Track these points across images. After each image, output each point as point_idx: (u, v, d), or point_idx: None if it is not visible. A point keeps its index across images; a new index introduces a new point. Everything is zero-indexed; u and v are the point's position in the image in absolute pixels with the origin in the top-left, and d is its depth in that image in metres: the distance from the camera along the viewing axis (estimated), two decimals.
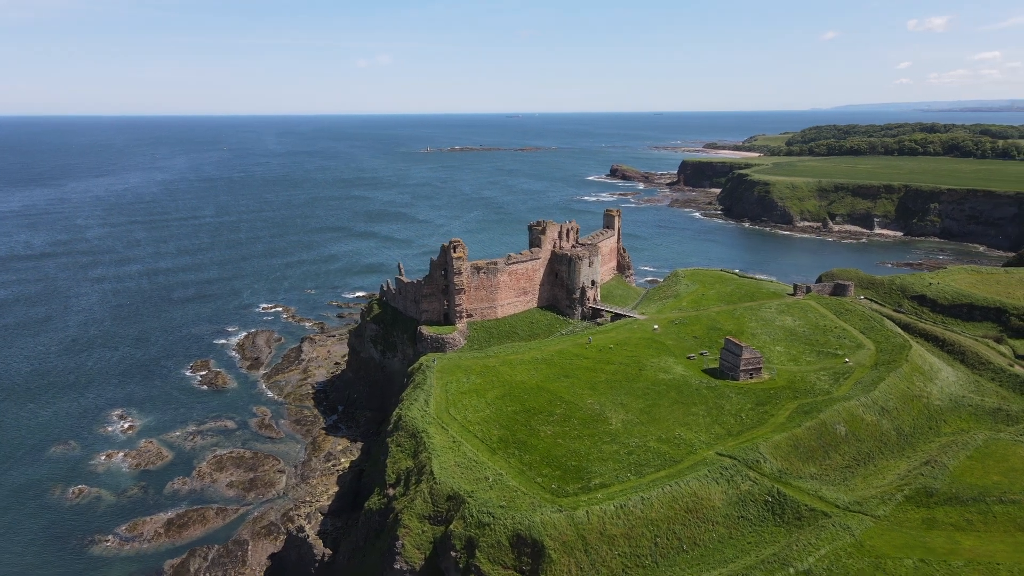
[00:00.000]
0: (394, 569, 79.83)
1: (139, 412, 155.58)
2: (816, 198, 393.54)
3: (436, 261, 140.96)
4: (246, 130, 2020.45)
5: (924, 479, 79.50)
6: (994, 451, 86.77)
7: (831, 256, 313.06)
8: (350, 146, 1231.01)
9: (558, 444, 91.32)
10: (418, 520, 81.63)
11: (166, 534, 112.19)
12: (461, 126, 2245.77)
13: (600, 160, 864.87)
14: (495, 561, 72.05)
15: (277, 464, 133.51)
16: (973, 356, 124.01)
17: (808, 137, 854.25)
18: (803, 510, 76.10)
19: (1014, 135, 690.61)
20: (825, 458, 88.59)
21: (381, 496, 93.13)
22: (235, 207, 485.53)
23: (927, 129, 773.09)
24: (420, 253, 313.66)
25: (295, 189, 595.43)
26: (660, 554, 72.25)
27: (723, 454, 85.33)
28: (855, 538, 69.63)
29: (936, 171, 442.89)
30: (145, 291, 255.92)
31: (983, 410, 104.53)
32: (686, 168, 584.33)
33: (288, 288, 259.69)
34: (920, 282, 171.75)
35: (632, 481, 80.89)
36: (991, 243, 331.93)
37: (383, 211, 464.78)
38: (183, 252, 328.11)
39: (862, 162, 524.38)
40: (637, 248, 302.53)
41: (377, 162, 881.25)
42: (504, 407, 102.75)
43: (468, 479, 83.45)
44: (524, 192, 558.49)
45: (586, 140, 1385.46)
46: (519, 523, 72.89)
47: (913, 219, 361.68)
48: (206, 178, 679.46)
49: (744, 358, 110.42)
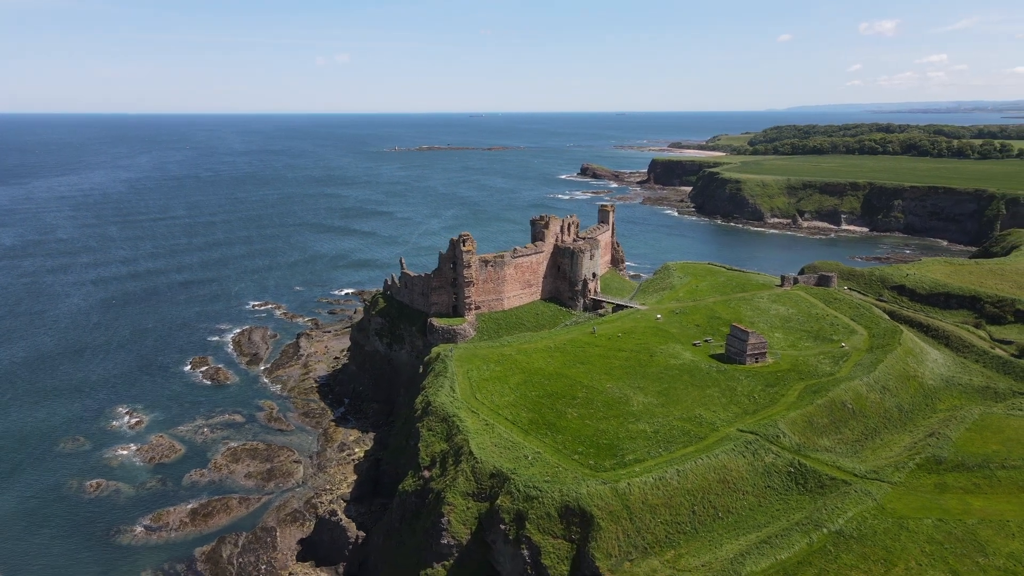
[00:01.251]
0: (441, 544, 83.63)
1: (144, 408, 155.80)
2: (785, 195, 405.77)
3: (445, 255, 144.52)
4: (206, 129, 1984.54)
5: (931, 449, 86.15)
6: (990, 424, 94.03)
7: (803, 251, 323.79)
8: (315, 145, 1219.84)
9: (586, 425, 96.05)
10: (462, 497, 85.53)
11: (192, 523, 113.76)
12: (424, 125, 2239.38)
13: (568, 159, 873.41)
14: (545, 531, 76.38)
15: (292, 455, 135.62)
16: (956, 340, 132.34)
17: (770, 137, 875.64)
18: (824, 479, 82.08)
19: (966, 135, 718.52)
20: (837, 433, 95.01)
21: (416, 478, 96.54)
22: (207, 205, 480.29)
23: (883, 129, 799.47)
24: (407, 250, 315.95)
25: (266, 187, 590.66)
26: (699, 521, 77.45)
27: (744, 430, 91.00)
28: (877, 502, 75.61)
29: (896, 169, 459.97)
30: (130, 290, 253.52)
31: (972, 388, 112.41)
32: (656, 167, 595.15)
33: (276, 285, 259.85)
34: (898, 273, 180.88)
35: (664, 456, 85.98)
36: (952, 238, 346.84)
37: (359, 208, 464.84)
38: (162, 250, 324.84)
39: (825, 161, 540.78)
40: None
41: (345, 161, 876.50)
42: (528, 392, 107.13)
43: (508, 458, 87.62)
44: (497, 190, 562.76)
45: (552, 139, 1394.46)
46: (567, 495, 77.35)
47: (878, 215, 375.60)
48: (173, 176, 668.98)
49: (750, 343, 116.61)
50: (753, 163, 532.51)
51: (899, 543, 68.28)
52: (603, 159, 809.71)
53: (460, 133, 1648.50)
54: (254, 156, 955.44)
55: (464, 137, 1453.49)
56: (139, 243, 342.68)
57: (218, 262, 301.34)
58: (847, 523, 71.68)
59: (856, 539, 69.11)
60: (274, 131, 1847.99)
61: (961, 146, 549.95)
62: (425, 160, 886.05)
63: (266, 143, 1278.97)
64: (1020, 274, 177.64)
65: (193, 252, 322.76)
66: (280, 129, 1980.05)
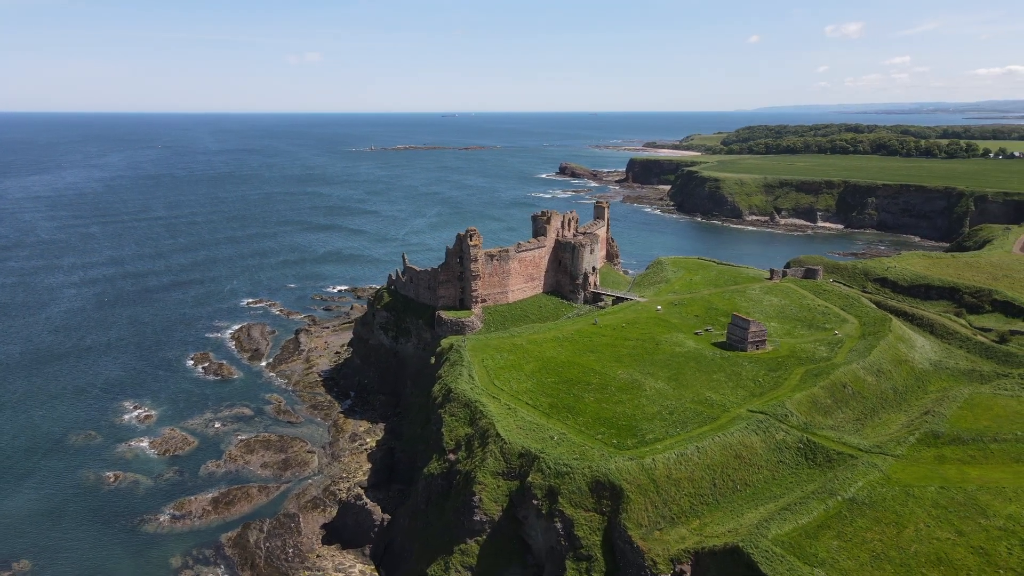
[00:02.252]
0: (473, 521, 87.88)
1: (152, 403, 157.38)
2: (763, 193, 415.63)
3: (452, 249, 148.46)
4: (177, 128, 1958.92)
5: (929, 425, 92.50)
6: (979, 403, 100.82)
7: (782, 247, 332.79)
8: (289, 144, 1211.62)
9: (604, 408, 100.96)
10: (492, 476, 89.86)
11: (215, 511, 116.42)
12: (398, 125, 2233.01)
13: (545, 158, 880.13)
14: (577, 505, 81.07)
15: (305, 445, 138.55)
16: (941, 328, 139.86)
17: (742, 137, 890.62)
18: (832, 453, 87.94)
19: (931, 135, 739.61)
20: (839, 412, 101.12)
21: (441, 461, 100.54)
22: (187, 204, 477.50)
23: (852, 129, 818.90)
24: (397, 247, 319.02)
25: (245, 186, 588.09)
26: (719, 493, 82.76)
27: (754, 411, 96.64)
28: (883, 472, 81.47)
29: (867, 168, 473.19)
30: (122, 288, 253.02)
31: (959, 371, 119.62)
32: (634, 166, 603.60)
33: (268, 283, 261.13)
34: (880, 266, 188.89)
35: (682, 435, 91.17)
36: (923, 234, 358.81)
37: (342, 207, 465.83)
38: (148, 248, 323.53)
39: (799, 160, 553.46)
40: None
41: (322, 160, 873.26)
42: (543, 379, 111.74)
43: (534, 439, 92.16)
44: (477, 189, 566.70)
45: (526, 139, 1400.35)
46: (596, 471, 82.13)
47: (852, 212, 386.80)
48: (148, 175, 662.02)
49: (751, 331, 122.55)
50: (729, 162, 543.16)
51: (907, 508, 74.04)
52: (580, 158, 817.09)
53: (435, 133, 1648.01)
54: (229, 155, 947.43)
55: (439, 137, 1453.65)
56: (123, 242, 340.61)
57: (207, 260, 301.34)
58: (858, 491, 77.31)
59: (868, 505, 74.77)
60: (246, 130, 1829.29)
61: (928, 146, 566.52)
62: (402, 159, 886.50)
63: (240, 142, 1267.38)
64: (994, 266, 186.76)
65: (180, 250, 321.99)
66: (252, 128, 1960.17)
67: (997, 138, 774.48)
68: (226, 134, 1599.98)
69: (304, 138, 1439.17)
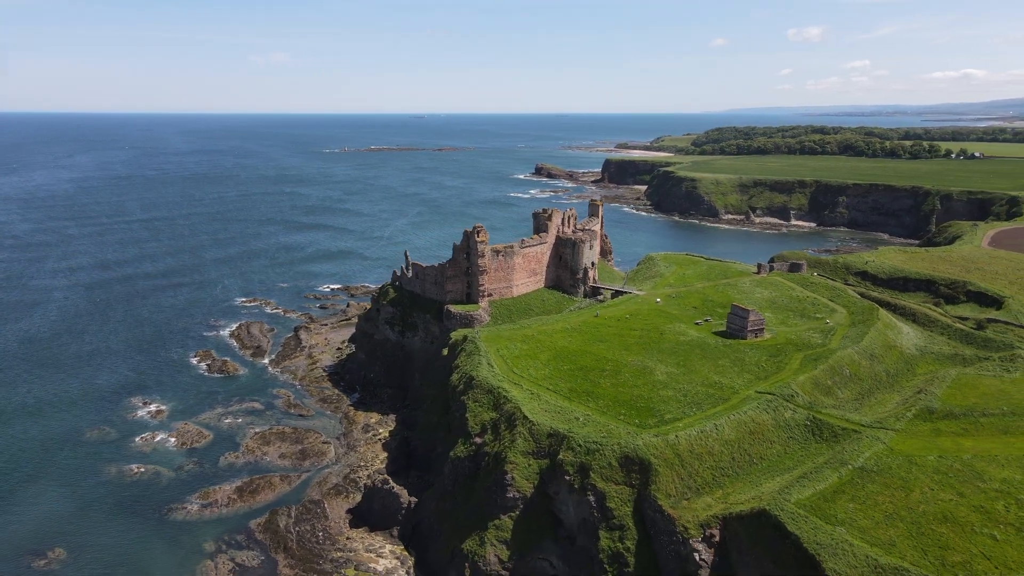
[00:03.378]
0: (506, 498, 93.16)
1: (161, 398, 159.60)
2: (738, 193, 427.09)
3: (459, 245, 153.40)
4: (142, 128, 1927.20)
5: (923, 402, 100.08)
6: (966, 382, 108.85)
7: (758, 244, 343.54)
8: (260, 145, 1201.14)
9: (620, 391, 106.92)
10: (522, 456, 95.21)
11: (240, 499, 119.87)
12: (369, 126, 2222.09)
13: (519, 159, 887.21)
14: (608, 479, 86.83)
15: (320, 437, 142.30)
16: (922, 316, 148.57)
17: (712, 138, 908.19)
18: (837, 429, 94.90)
19: (894, 137, 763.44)
20: (839, 393, 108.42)
21: (467, 445, 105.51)
22: (164, 204, 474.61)
23: (819, 131, 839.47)
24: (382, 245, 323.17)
25: (221, 186, 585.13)
26: (738, 466, 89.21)
27: (762, 392, 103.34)
28: (886, 445, 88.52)
29: (836, 168, 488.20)
30: (111, 287, 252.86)
31: (943, 355, 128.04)
32: (610, 166, 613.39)
33: (261, 282, 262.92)
34: (859, 260, 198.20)
35: (698, 415, 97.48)
36: (892, 232, 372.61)
37: (322, 206, 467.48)
38: (131, 249, 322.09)
39: (770, 161, 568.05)
40: None
41: (295, 161, 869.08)
42: (559, 366, 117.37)
43: (560, 420, 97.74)
44: (454, 189, 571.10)
45: (497, 140, 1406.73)
46: (625, 447, 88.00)
47: (824, 211, 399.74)
48: (120, 176, 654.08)
49: (751, 320, 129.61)
50: (703, 163, 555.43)
51: (911, 474, 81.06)
52: (554, 159, 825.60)
53: (407, 134, 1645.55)
54: (200, 156, 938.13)
55: (411, 138, 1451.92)
56: (104, 242, 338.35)
57: (194, 259, 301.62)
58: (866, 461, 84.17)
59: (876, 473, 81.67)
60: (213, 131, 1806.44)
61: (893, 147, 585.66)
62: (376, 160, 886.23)
63: (208, 143, 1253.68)
64: (966, 259, 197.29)
65: (164, 250, 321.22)
66: (219, 129, 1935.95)
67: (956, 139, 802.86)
68: (193, 135, 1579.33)
69: (274, 139, 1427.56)
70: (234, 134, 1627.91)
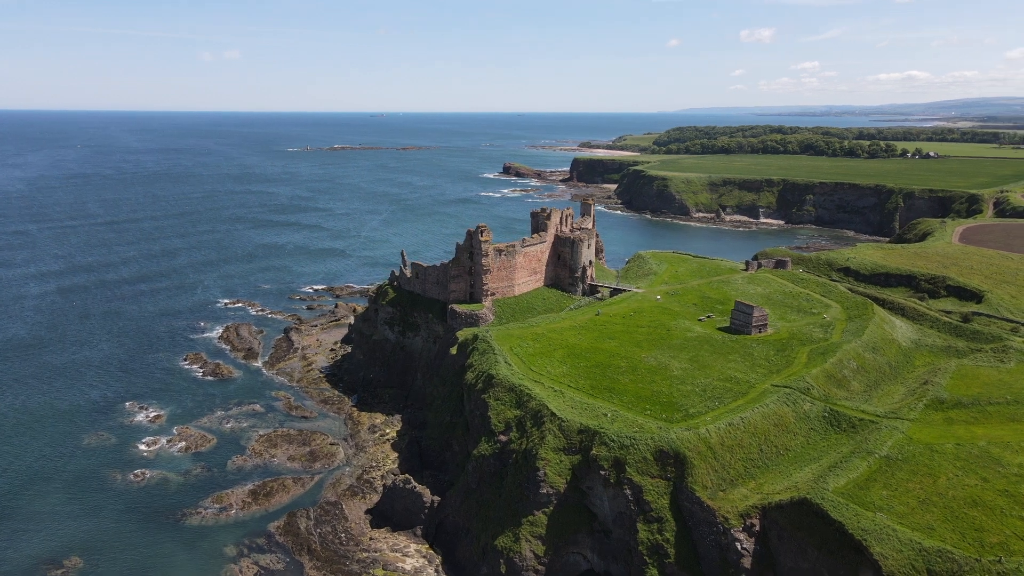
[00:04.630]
0: (540, 494, 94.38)
1: (158, 403, 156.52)
2: (708, 191, 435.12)
3: (462, 245, 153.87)
4: (92, 127, 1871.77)
5: (933, 392, 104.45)
6: (966, 373, 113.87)
7: (731, 242, 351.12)
8: (218, 144, 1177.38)
9: (641, 387, 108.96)
10: (553, 452, 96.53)
11: (255, 502, 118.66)
12: (328, 125, 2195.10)
13: (484, 158, 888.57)
14: (643, 473, 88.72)
15: (327, 438, 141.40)
16: (911, 311, 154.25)
17: (673, 137, 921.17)
18: (854, 420, 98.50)
19: (849, 136, 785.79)
20: (849, 385, 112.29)
21: (491, 443, 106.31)
22: (126, 203, 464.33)
23: (777, 131, 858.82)
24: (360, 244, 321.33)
25: (185, 185, 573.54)
26: (766, 457, 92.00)
27: (778, 385, 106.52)
28: (904, 434, 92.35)
29: (798, 167, 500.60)
30: (87, 289, 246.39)
31: (937, 348, 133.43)
32: (578, 165, 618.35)
33: (241, 283, 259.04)
34: (840, 257, 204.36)
35: (721, 409, 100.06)
36: (857, 228, 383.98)
37: (293, 205, 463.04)
38: (99, 249, 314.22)
39: (735, 160, 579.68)
40: None
41: (256, 160, 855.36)
42: (575, 364, 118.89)
43: (588, 416, 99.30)
44: (422, 188, 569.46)
45: (460, 139, 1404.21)
46: (659, 441, 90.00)
47: (792, 209, 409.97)
48: (76, 175, 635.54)
49: (755, 316, 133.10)
50: (671, 161, 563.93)
51: (934, 462, 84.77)
52: (521, 158, 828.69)
53: (367, 133, 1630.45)
54: (158, 154, 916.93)
55: (372, 137, 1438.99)
56: (69, 243, 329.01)
57: (167, 260, 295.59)
58: (890, 450, 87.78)
59: (902, 461, 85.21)
60: (167, 129, 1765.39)
61: (852, 146, 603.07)
62: (339, 159, 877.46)
63: (165, 142, 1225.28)
64: (941, 255, 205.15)
65: (134, 251, 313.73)
66: (173, 128, 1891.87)
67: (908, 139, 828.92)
68: (146, 133, 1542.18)
69: (232, 138, 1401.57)
70: (189, 133, 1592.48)
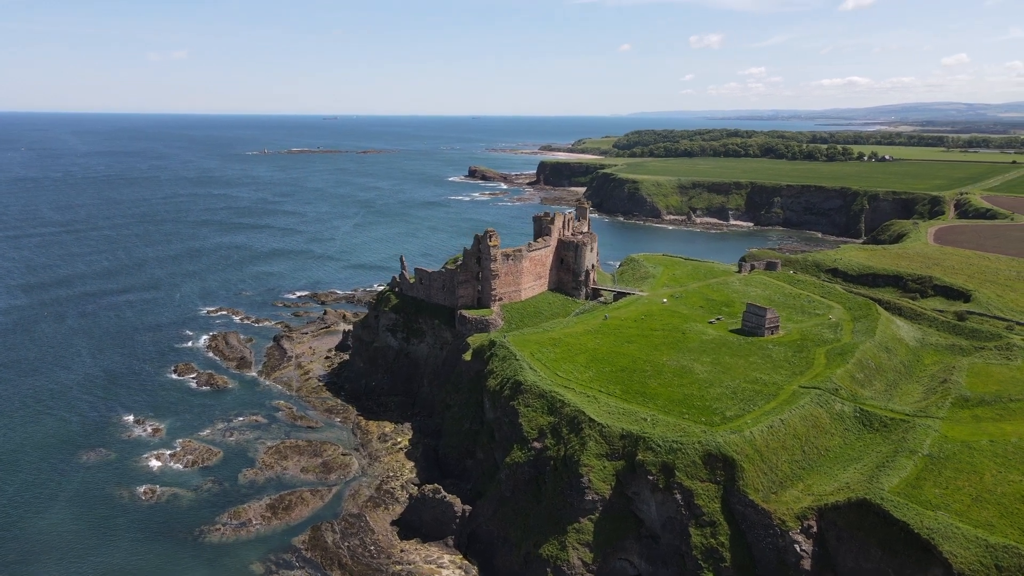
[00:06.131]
0: (584, 500, 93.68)
1: (155, 416, 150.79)
2: (678, 194, 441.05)
3: (470, 250, 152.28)
4: (33, 128, 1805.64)
5: (956, 391, 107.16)
6: (980, 371, 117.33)
7: (704, 243, 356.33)
8: (169, 147, 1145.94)
9: (672, 391, 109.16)
10: (596, 458, 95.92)
11: (275, 516, 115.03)
12: (282, 128, 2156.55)
13: (446, 161, 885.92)
14: (693, 477, 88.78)
15: (338, 449, 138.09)
16: (908, 310, 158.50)
17: (632, 140, 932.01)
18: (885, 419, 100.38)
19: (804, 140, 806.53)
20: (871, 385, 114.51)
21: (525, 450, 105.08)
22: (83, 207, 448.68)
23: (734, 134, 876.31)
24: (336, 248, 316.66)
25: (142, 189, 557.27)
26: (809, 459, 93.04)
27: (806, 387, 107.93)
28: (939, 432, 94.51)
29: (761, 170, 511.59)
30: (59, 301, 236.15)
31: (942, 346, 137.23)
32: (545, 168, 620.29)
33: (220, 289, 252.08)
34: (828, 258, 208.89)
35: (756, 411, 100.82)
36: (824, 230, 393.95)
37: (259, 208, 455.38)
38: (61, 256, 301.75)
39: (700, 163, 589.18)
40: None
41: (213, 163, 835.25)
42: (600, 369, 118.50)
43: (628, 421, 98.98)
44: (390, 192, 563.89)
45: (418, 142, 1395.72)
46: (707, 445, 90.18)
47: (761, 211, 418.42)
48: (23, 179, 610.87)
49: (768, 318, 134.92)
50: (637, 165, 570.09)
51: (975, 459, 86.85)
52: (484, 161, 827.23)
53: (322, 136, 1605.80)
54: (108, 157, 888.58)
55: (326, 140, 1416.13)
56: (27, 250, 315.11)
57: (138, 267, 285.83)
58: (930, 447, 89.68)
59: (944, 459, 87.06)
60: (114, 131, 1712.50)
61: (811, 150, 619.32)
62: (298, 163, 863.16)
63: (113, 144, 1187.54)
64: (922, 256, 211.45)
65: (101, 257, 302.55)
66: (120, 130, 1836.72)
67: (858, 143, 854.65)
68: (92, 135, 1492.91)
69: (183, 140, 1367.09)
70: (138, 135, 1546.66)
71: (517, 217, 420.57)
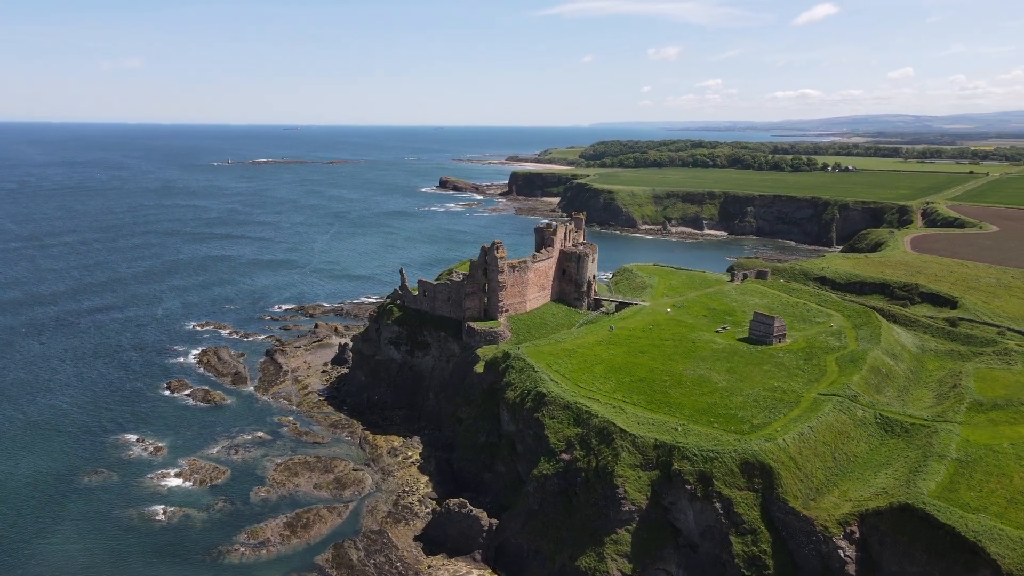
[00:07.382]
0: (621, 511, 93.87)
1: (154, 434, 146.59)
2: (653, 204, 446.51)
3: (476, 262, 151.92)
4: None
5: (969, 395, 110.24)
6: (986, 376, 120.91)
7: (682, 253, 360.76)
8: (129, 157, 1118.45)
9: (695, 400, 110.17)
10: (630, 469, 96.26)
11: (293, 535, 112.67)
12: (243, 138, 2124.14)
13: (415, 172, 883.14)
14: (731, 485, 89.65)
15: (349, 464, 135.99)
16: (903, 317, 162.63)
17: (598, 151, 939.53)
18: (906, 425, 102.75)
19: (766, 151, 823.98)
20: (884, 391, 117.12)
21: (553, 462, 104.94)
22: (43, 219, 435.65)
23: (698, 145, 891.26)
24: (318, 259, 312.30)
25: (104, 199, 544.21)
26: (840, 465, 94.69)
27: (825, 394, 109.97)
28: (961, 436, 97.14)
29: (730, 180, 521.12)
30: (36, 318, 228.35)
31: (941, 352, 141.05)
32: (517, 179, 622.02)
33: (203, 303, 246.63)
34: (815, 267, 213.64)
35: (781, 420, 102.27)
36: (796, 239, 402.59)
37: (231, 219, 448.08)
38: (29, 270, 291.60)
39: (670, 173, 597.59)
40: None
41: (176, 174, 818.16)
42: (620, 379, 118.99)
43: (659, 431, 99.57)
44: (361, 203, 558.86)
45: (382, 153, 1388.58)
46: (744, 453, 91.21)
47: (734, 220, 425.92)
48: None
49: (776, 326, 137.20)
50: (609, 175, 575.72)
51: (1001, 462, 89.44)
52: (454, 171, 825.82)
53: (284, 146, 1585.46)
54: (65, 167, 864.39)
55: (288, 150, 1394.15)
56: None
57: (113, 280, 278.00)
58: (956, 451, 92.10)
59: (972, 462, 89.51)
60: (68, 141, 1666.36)
61: (777, 160, 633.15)
62: (264, 173, 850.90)
63: (68, 154, 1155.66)
64: (904, 264, 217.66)
65: (71, 270, 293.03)
66: (74, 139, 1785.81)
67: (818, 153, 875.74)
68: (45, 145, 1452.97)
69: (143, 150, 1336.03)
70: (93, 145, 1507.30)
71: (492, 227, 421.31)
